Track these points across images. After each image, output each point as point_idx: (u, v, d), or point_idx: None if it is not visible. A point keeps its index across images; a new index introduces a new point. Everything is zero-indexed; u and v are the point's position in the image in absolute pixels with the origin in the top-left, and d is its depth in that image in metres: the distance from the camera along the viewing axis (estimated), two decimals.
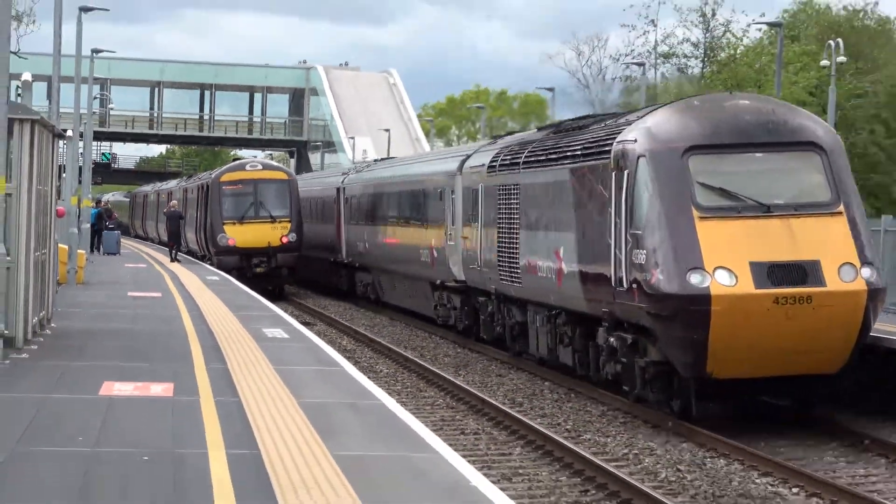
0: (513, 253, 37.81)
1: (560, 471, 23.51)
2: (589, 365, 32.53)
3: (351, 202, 67.32)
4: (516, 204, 37.91)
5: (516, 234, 37.68)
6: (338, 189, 70.69)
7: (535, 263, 35.62)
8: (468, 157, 44.87)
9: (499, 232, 39.40)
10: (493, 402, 30.11)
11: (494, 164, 40.60)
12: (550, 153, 35.86)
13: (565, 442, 25.14)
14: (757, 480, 22.40)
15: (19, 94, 34.84)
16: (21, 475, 14.95)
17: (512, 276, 37.69)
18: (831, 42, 74.21)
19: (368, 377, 26.45)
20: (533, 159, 37.20)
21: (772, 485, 22.05)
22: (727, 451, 24.58)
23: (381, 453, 17.06)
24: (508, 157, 39.62)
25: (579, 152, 32.97)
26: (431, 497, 14.65)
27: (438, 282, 47.40)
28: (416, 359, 39.30)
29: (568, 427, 27.75)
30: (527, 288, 36.52)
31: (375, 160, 77.81)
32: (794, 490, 21.56)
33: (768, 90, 71.37)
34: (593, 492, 21.73)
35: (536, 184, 36.14)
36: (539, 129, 43.87)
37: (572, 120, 39.68)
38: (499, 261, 38.93)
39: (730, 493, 21.50)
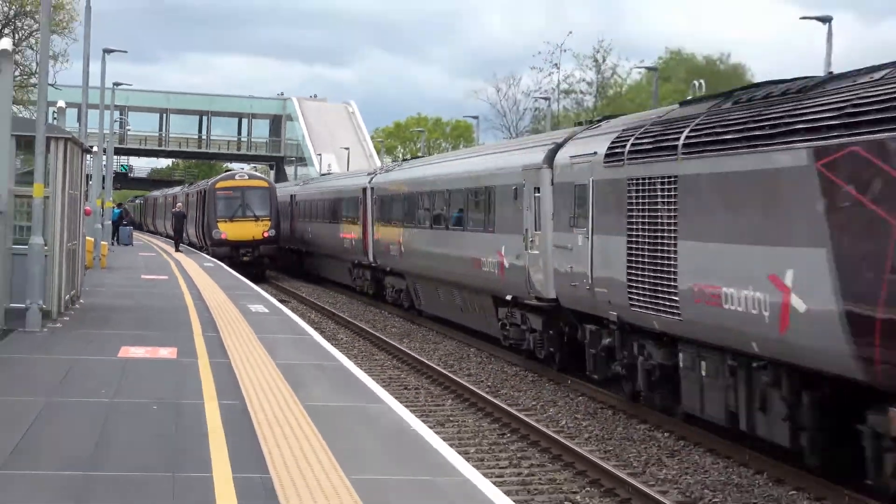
0: (662, 272, 22.46)
1: (482, 418, 23.46)
2: (830, 453, 17.85)
3: (382, 203, 50.76)
4: (671, 203, 22.49)
5: (670, 245, 22.25)
6: (364, 189, 53.85)
7: (715, 291, 20.16)
8: (559, 146, 29.39)
9: (630, 241, 23.94)
10: (430, 364, 29.98)
11: (618, 150, 25.05)
12: (753, 128, 19.80)
13: (487, 395, 25.08)
14: (637, 426, 22.41)
15: (55, 118, 34.65)
16: (56, 419, 14.96)
17: (657, 304, 22.30)
18: (695, 82, 74.42)
19: (331, 344, 26.33)
20: (708, 139, 21.38)
21: (648, 430, 22.05)
22: (614, 403, 24.54)
23: (341, 403, 17.04)
24: (648, 141, 24.12)
25: (835, 121, 17.39)
26: (380, 438, 14.64)
27: (509, 297, 31.44)
28: (369, 329, 39.08)
29: (489, 384, 27.64)
30: (692, 323, 21.00)
31: (405, 159, 62.52)
32: (666, 434, 21.56)
33: None
34: (509, 435, 21.70)
35: (719, 174, 20.60)
36: (683, 103, 27.46)
37: (759, 85, 23.16)
38: (629, 280, 23.73)
39: (615, 437, 21.52)
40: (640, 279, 23.06)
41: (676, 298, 21.36)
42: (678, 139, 21.98)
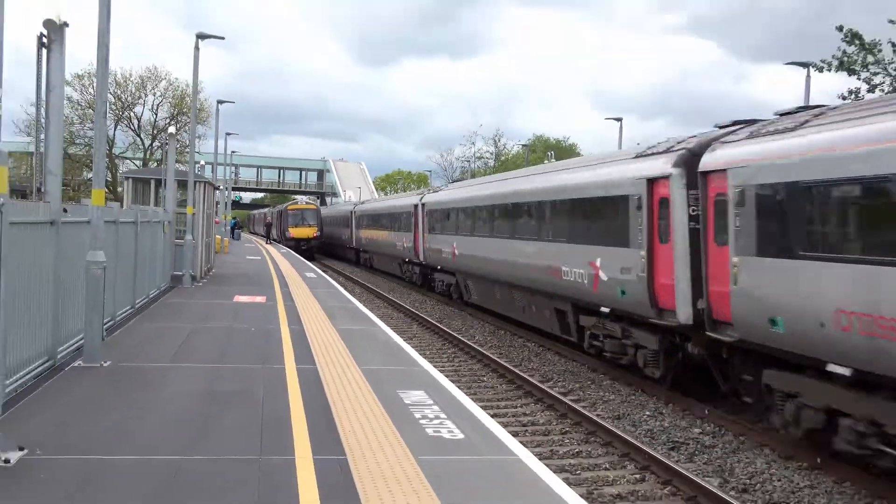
0: None
1: (433, 335, 23.28)
2: None
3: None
4: None
5: None
6: (649, 180, 13.72)
7: None
8: None
9: None
10: (405, 306, 29.83)
11: None
12: None
13: (435, 322, 24.97)
14: (517, 340, 22.40)
15: (199, 171, 34.51)
16: (202, 335, 14.86)
17: None
18: (549, 153, 75.34)
19: (351, 295, 26.22)
20: None
21: (524, 342, 22.04)
22: (508, 328, 24.52)
23: (356, 328, 16.96)
24: None
25: None
26: (378, 346, 14.62)
27: None
28: (370, 286, 38.87)
29: (437, 316, 27.55)
30: None
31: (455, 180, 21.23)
32: (533, 343, 21.57)
33: None
34: (448, 345, 21.57)
35: None
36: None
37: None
38: None
39: (504, 345, 21.51)
40: None
41: None
42: None
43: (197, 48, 27.24)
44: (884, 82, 26.37)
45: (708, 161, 12.20)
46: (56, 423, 8.65)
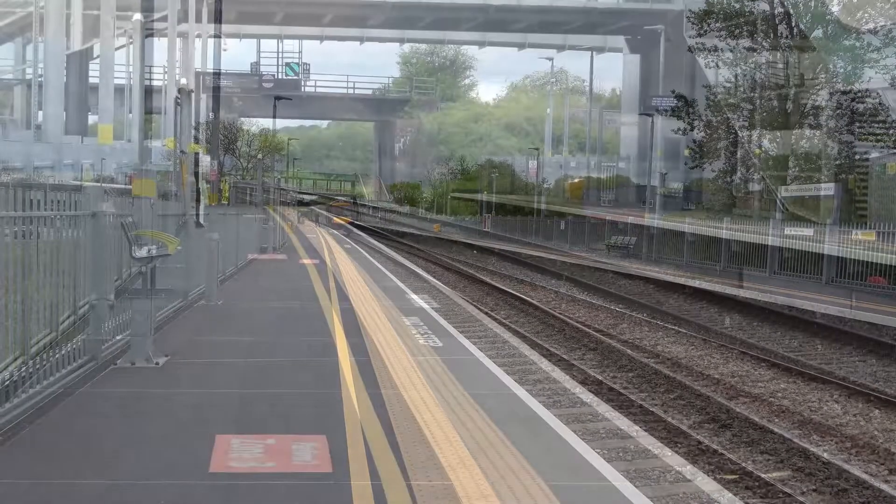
0: None
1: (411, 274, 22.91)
2: None
3: None
4: None
5: None
6: None
7: None
8: None
9: None
10: (419, 272, 29.04)
11: None
12: None
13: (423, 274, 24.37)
14: (476, 284, 22.05)
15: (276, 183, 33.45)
16: (278, 281, 14.59)
17: None
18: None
19: (371, 257, 25.64)
20: None
21: (482, 287, 21.72)
22: (475, 277, 23.99)
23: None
24: None
25: None
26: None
27: None
28: (396, 257, 37.73)
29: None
30: None
31: None
32: (497, 290, 21.05)
33: None
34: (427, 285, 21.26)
35: None
36: None
37: None
38: None
39: (468, 289, 21.21)
40: None
41: None
42: None
43: (275, 106, 26.92)
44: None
45: None
46: (187, 338, 8.56)
